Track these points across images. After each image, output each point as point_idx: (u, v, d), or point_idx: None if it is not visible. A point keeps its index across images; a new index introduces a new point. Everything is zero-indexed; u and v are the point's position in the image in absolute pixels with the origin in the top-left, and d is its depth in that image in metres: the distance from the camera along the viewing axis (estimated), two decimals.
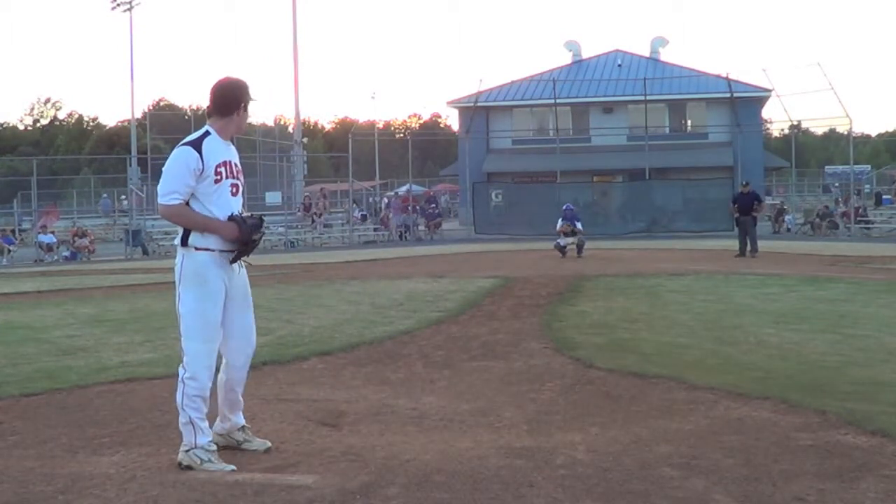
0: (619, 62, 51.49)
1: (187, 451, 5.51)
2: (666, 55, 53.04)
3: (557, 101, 43.67)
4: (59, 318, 13.78)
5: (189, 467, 5.46)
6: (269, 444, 5.89)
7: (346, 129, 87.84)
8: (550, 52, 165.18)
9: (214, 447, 5.60)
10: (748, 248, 23.91)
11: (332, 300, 14.90)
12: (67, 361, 9.69)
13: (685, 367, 8.26)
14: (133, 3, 55.74)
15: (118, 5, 55.85)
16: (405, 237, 38.32)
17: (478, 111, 45.99)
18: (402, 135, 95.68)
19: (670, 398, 7.03)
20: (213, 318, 5.57)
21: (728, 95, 43.56)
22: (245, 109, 5.72)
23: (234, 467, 5.48)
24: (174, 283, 5.62)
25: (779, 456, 5.41)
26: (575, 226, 24.91)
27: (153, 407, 7.35)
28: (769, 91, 42.76)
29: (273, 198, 40.64)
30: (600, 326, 11.09)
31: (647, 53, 53.02)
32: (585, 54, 53.89)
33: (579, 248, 24.54)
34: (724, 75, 44.04)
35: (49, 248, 33.48)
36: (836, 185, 50.59)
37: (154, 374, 8.74)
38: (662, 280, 16.88)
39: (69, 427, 6.72)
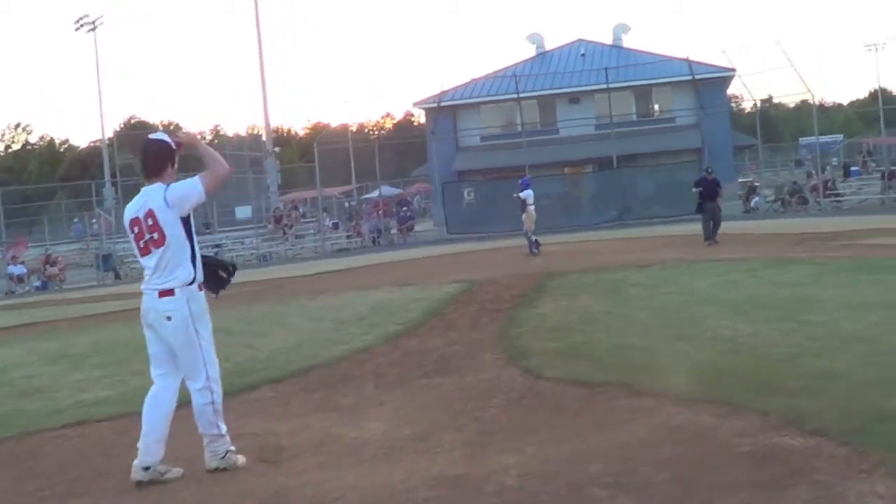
0: (583, 52, 51.40)
1: (223, 456, 6.24)
2: (629, 41, 53.04)
3: (521, 94, 43.60)
4: (22, 356, 13.74)
5: (225, 469, 6.20)
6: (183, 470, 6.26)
7: (319, 134, 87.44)
8: (515, 45, 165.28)
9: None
10: (715, 232, 23.73)
11: (295, 318, 14.82)
12: (22, 404, 9.67)
13: (635, 370, 8.20)
14: (96, 24, 55.48)
15: (81, 26, 55.58)
16: (378, 242, 38.23)
17: (443, 111, 45.87)
18: (375, 136, 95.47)
19: (614, 406, 6.98)
20: None
21: (690, 78, 43.60)
22: None
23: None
24: (178, 327, 6.04)
25: (713, 467, 5.35)
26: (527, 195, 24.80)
27: (100, 452, 7.30)
28: (732, 71, 42.84)
29: (243, 212, 40.41)
30: (558, 330, 11.03)
31: (609, 41, 53.00)
32: (549, 46, 53.83)
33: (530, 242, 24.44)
34: (685, 58, 44.07)
35: (20, 279, 33.29)
36: (809, 157, 50.69)
37: (106, 415, 8.68)
38: (627, 273, 16.80)
39: (13, 480, 6.68)
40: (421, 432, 6.80)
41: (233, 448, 6.31)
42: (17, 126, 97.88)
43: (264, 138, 51.37)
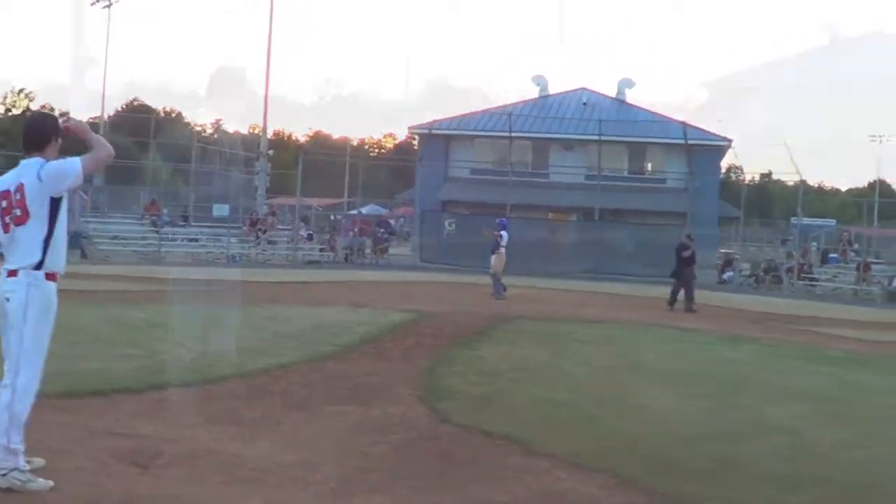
0: (585, 100, 51.43)
1: (5, 474, 5.41)
2: (632, 96, 53.14)
3: (514, 134, 43.56)
4: None
5: (9, 489, 5.38)
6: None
7: (319, 142, 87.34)
8: (521, 84, 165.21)
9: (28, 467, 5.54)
10: (691, 301, 23.42)
11: (236, 324, 14.58)
12: None
13: (541, 427, 8.05)
14: (112, 1, 55.39)
15: (97, 1, 55.49)
16: (350, 259, 37.95)
17: (434, 139, 45.75)
18: (375, 153, 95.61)
19: (505, 462, 6.81)
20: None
21: (683, 142, 43.57)
22: None
23: (52, 483, 5.49)
24: (13, 311, 5.49)
25: None
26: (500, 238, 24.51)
27: None
28: (727, 141, 42.86)
29: (220, 210, 39.94)
30: (485, 375, 10.85)
31: (613, 93, 53.06)
32: (553, 90, 53.88)
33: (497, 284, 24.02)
34: (680, 121, 44.10)
35: None
36: (791, 237, 50.59)
37: None
38: (578, 327, 16.66)
39: None
40: (303, 459, 6.61)
41: (24, 467, 5.52)
42: (21, 91, 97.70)
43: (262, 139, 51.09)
